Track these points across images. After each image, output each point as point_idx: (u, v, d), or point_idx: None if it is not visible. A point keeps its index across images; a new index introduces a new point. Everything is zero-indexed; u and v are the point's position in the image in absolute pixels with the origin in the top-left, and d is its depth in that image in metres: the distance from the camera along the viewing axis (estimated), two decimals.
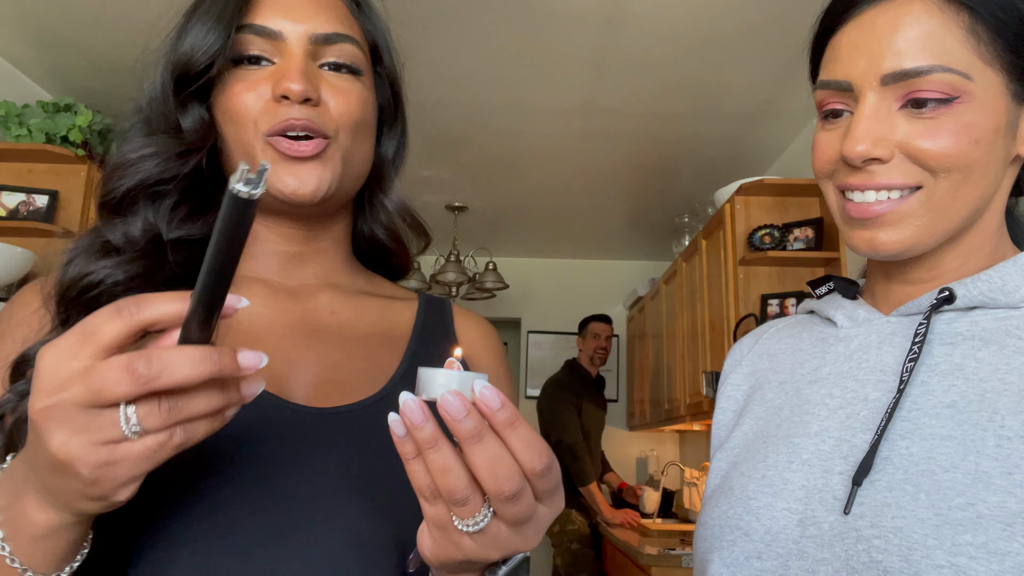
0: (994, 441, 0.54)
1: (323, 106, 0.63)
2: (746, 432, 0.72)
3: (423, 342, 0.71)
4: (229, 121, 0.63)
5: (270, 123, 0.61)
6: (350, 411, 0.62)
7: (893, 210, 0.60)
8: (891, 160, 0.59)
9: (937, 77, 0.57)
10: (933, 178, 0.59)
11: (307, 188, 0.62)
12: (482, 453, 0.41)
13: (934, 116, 0.58)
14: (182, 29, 0.64)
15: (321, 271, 0.71)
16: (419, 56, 2.57)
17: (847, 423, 0.62)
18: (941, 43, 0.57)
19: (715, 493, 0.70)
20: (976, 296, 0.61)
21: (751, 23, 2.33)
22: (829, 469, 0.61)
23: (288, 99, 0.61)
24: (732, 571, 0.64)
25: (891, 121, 0.59)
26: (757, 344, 0.80)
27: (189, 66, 0.62)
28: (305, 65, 0.62)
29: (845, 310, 0.70)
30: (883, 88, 0.59)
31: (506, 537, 0.44)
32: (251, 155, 0.62)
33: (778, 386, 0.72)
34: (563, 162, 3.48)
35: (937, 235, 0.60)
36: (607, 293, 5.13)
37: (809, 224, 2.69)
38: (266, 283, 0.68)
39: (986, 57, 0.58)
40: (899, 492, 0.55)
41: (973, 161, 0.58)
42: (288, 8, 0.64)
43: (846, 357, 0.67)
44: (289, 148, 0.61)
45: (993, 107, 0.58)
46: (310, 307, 0.69)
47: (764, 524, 0.62)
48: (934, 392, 0.59)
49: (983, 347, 0.59)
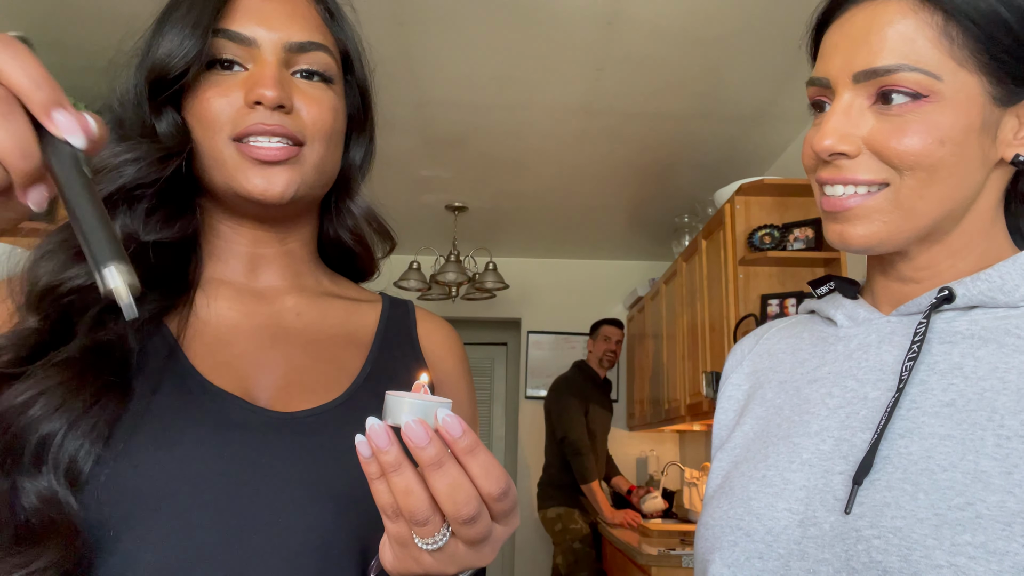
0: (993, 440, 0.54)
1: (295, 113, 0.64)
2: (747, 432, 0.72)
3: (386, 344, 0.72)
4: (200, 125, 0.63)
5: (238, 126, 0.62)
6: (312, 415, 0.62)
7: (860, 205, 0.61)
8: (858, 156, 0.61)
9: (904, 76, 0.58)
10: (899, 176, 0.60)
11: (275, 189, 0.63)
12: (442, 479, 0.44)
13: (901, 114, 0.59)
14: (156, 33, 0.65)
15: (287, 273, 0.72)
16: (419, 56, 2.57)
17: (847, 422, 0.62)
18: (912, 43, 0.58)
19: (716, 493, 0.70)
20: (976, 295, 0.61)
21: (751, 23, 2.33)
22: (829, 469, 0.61)
23: (261, 105, 0.62)
24: (733, 571, 0.64)
25: (861, 118, 0.61)
26: (758, 344, 0.80)
27: (165, 71, 0.62)
28: (279, 73, 0.63)
29: (845, 309, 0.70)
30: (856, 86, 0.61)
31: (463, 554, 0.47)
32: (219, 160, 0.63)
33: (778, 385, 0.72)
34: (563, 162, 3.48)
35: (906, 232, 0.61)
36: (607, 293, 5.13)
37: (809, 224, 2.69)
38: (232, 285, 0.69)
39: (959, 58, 0.58)
40: (898, 492, 0.55)
41: (937, 161, 0.58)
42: (263, 15, 0.64)
43: (846, 356, 0.67)
44: (257, 152, 0.62)
45: (965, 108, 0.58)
46: (276, 309, 0.70)
47: (765, 524, 0.63)
48: (933, 391, 0.59)
49: (982, 346, 0.59)
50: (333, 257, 0.79)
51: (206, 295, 0.67)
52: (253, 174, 0.63)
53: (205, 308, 0.67)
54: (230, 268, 0.70)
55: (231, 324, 0.67)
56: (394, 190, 3.88)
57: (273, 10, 0.65)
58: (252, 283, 0.70)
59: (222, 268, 0.70)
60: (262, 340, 0.67)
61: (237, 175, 0.63)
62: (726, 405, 0.79)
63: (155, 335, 0.62)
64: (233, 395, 0.61)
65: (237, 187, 0.63)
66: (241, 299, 0.69)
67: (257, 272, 0.71)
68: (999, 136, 0.60)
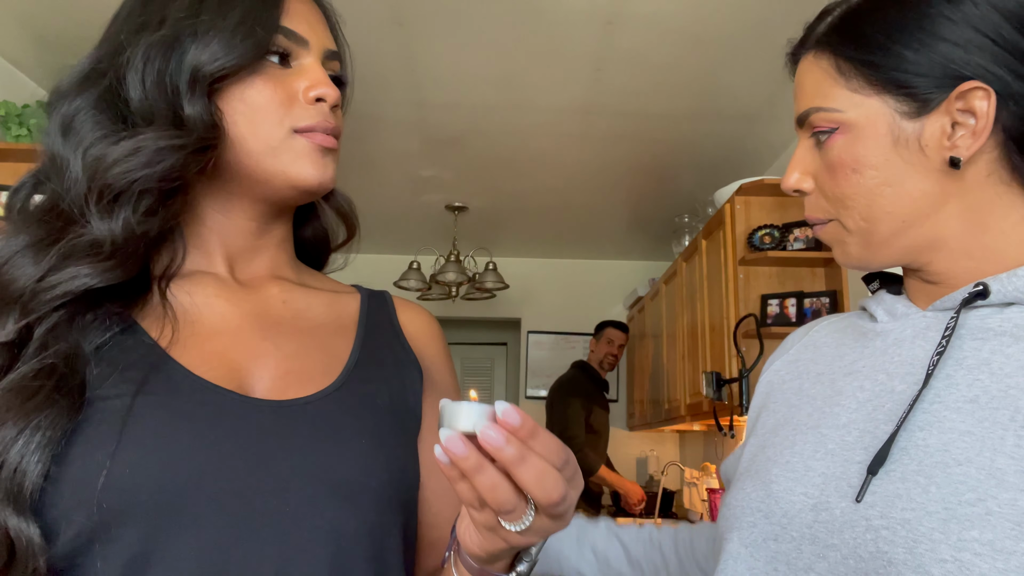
0: (1013, 439, 0.53)
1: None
2: (778, 419, 0.74)
3: (370, 331, 0.73)
4: (254, 114, 0.65)
5: (302, 120, 0.66)
6: (309, 402, 0.63)
7: (823, 231, 0.70)
8: (812, 192, 0.70)
9: (816, 116, 0.66)
10: (836, 209, 0.67)
11: (329, 175, 0.68)
12: (529, 471, 0.46)
13: (826, 151, 0.66)
14: (191, 28, 0.63)
15: (270, 264, 0.73)
16: (419, 56, 2.57)
17: (873, 415, 0.63)
18: (818, 86, 0.67)
19: (742, 475, 0.72)
20: (1011, 292, 0.60)
21: (751, 23, 2.33)
22: (849, 458, 0.61)
23: (321, 102, 0.67)
24: (750, 551, 0.66)
25: (811, 157, 0.69)
26: (807, 335, 0.81)
27: (223, 65, 0.62)
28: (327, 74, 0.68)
29: (885, 305, 0.71)
30: (800, 130, 0.70)
31: (548, 526, 0.50)
32: (276, 148, 0.65)
33: (815, 377, 0.73)
34: (563, 162, 3.48)
35: (875, 248, 0.66)
36: (607, 293, 5.13)
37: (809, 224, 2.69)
38: (217, 277, 0.69)
39: (856, 87, 0.64)
40: (911, 484, 0.55)
41: (859, 188, 0.64)
42: (310, 20, 0.69)
43: (881, 351, 0.68)
44: (324, 140, 0.67)
45: (871, 130, 0.64)
46: (262, 297, 0.70)
47: (782, 507, 0.64)
48: (958, 386, 0.59)
49: (1013, 343, 0.59)
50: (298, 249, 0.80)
51: (189, 285, 0.66)
52: (311, 163, 0.66)
53: (187, 297, 0.65)
54: (215, 261, 0.69)
55: (219, 313, 0.66)
56: (394, 190, 3.87)
57: (313, 14, 0.69)
58: (236, 275, 0.70)
59: (206, 261, 0.69)
60: (254, 329, 0.67)
61: (297, 163, 0.66)
62: (764, 390, 0.81)
63: (127, 337, 0.60)
64: (224, 388, 0.60)
65: (294, 174, 0.66)
66: (227, 289, 0.68)
67: (242, 264, 0.71)
68: (927, 143, 0.62)
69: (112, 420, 0.55)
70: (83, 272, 0.58)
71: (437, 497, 0.72)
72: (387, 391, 0.69)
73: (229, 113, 0.64)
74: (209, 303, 0.66)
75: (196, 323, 0.64)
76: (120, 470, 0.53)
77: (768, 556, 0.64)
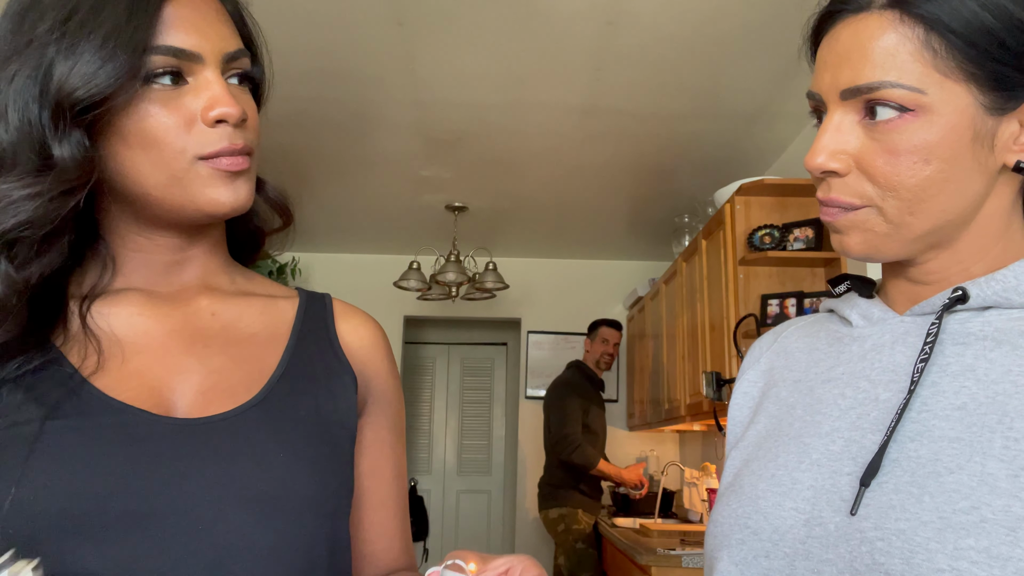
0: (1001, 443, 0.53)
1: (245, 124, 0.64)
2: (759, 430, 0.72)
3: (302, 340, 0.71)
4: (144, 145, 0.59)
5: (205, 147, 0.61)
6: (225, 419, 0.61)
7: (846, 217, 0.62)
8: (848, 174, 0.61)
9: (888, 92, 0.57)
10: (882, 197, 0.60)
11: (242, 199, 0.64)
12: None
13: (888, 131, 0.58)
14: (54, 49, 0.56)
15: (200, 273, 0.70)
16: (419, 56, 2.57)
17: (857, 423, 0.62)
18: (894, 57, 0.58)
19: (727, 491, 0.70)
20: (990, 296, 0.60)
21: (751, 24, 2.33)
22: (837, 470, 0.61)
23: (223, 123, 0.61)
24: (740, 569, 0.65)
25: (851, 134, 0.60)
26: (776, 342, 0.80)
27: (88, 95, 0.55)
28: (227, 86, 0.62)
29: (860, 309, 0.69)
30: (843, 103, 0.60)
31: None
32: (180, 179, 0.61)
33: (792, 384, 0.72)
34: (563, 162, 3.48)
35: (902, 243, 0.61)
36: (607, 293, 5.13)
37: (809, 224, 2.69)
38: (142, 291, 0.66)
39: (944, 70, 0.57)
40: (904, 495, 0.55)
41: (923, 180, 0.58)
42: (197, 23, 0.61)
43: (860, 357, 0.67)
44: (231, 164, 0.62)
45: (954, 120, 0.57)
46: (190, 311, 0.67)
47: (772, 523, 0.63)
48: (944, 393, 0.58)
49: (996, 347, 0.58)
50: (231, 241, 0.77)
51: (110, 305, 0.64)
52: (222, 190, 0.62)
53: (107, 318, 0.63)
54: (140, 277, 0.67)
55: (143, 330, 0.64)
56: (394, 190, 3.88)
57: (203, 18, 0.61)
58: (163, 288, 0.68)
59: (131, 279, 0.66)
60: (178, 344, 0.65)
61: (205, 192, 0.62)
62: (740, 402, 0.80)
63: (46, 367, 0.59)
64: (135, 407, 0.59)
65: (204, 203, 0.62)
66: (152, 304, 0.66)
67: (169, 277, 0.68)
68: (997, 143, 0.59)
69: (19, 446, 0.54)
70: None
71: (374, 508, 0.72)
72: (314, 402, 0.67)
73: (121, 146, 0.59)
74: (131, 322, 0.64)
75: (117, 344, 0.63)
76: (26, 495, 0.53)
77: (759, 573, 0.63)
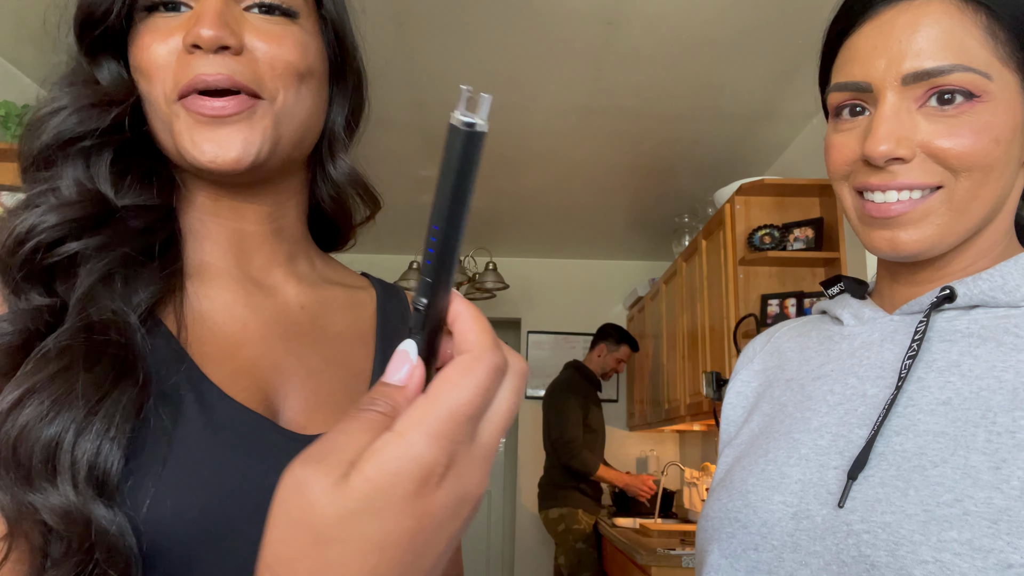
0: (984, 436, 0.54)
1: (248, 55, 0.53)
2: (753, 429, 0.73)
3: (387, 340, 0.65)
4: (143, 80, 0.54)
5: (179, 80, 0.52)
6: None
7: (914, 209, 0.60)
8: (913, 160, 0.59)
9: (958, 77, 0.57)
10: (954, 178, 0.59)
11: (229, 155, 0.52)
12: None
13: (955, 115, 0.58)
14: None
15: (281, 256, 0.63)
16: (419, 56, 2.57)
17: (845, 419, 0.63)
18: (961, 43, 0.58)
19: (718, 486, 0.72)
20: (977, 295, 0.61)
21: (751, 23, 2.33)
22: (825, 464, 0.62)
23: (200, 48, 0.51)
24: (730, 562, 0.66)
25: (912, 121, 0.59)
26: (769, 342, 0.81)
27: (91, 11, 0.53)
28: (222, 7, 0.52)
29: (851, 309, 0.71)
30: (903, 88, 0.59)
31: None
32: (165, 121, 0.54)
33: (785, 383, 0.73)
34: (563, 162, 3.48)
35: (957, 234, 0.61)
36: (607, 293, 5.13)
37: (809, 224, 2.69)
38: (225, 272, 0.59)
39: (1003, 57, 0.58)
40: (890, 488, 0.56)
41: (994, 160, 0.58)
42: None
43: (849, 354, 0.68)
44: (203, 107, 0.51)
45: (1011, 107, 0.59)
46: (280, 301, 0.61)
47: (761, 517, 0.64)
48: (930, 388, 0.59)
49: (981, 344, 0.59)
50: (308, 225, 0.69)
51: (200, 283, 0.57)
52: (202, 138, 0.52)
53: (203, 300, 0.57)
54: (217, 250, 0.59)
55: (240, 320, 0.57)
56: (394, 190, 3.87)
57: None
58: (246, 269, 0.60)
59: (209, 248, 0.59)
60: (275, 340, 0.58)
61: (184, 139, 0.52)
62: (734, 401, 0.80)
63: (155, 332, 0.52)
64: (252, 410, 0.53)
65: (185, 154, 0.53)
66: (244, 289, 0.59)
67: (249, 254, 0.60)
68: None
69: (155, 438, 0.48)
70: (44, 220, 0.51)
71: None
72: None
73: (136, 80, 0.55)
74: (229, 307, 0.58)
75: (216, 328, 0.56)
76: (163, 499, 0.47)
77: (748, 566, 0.64)
